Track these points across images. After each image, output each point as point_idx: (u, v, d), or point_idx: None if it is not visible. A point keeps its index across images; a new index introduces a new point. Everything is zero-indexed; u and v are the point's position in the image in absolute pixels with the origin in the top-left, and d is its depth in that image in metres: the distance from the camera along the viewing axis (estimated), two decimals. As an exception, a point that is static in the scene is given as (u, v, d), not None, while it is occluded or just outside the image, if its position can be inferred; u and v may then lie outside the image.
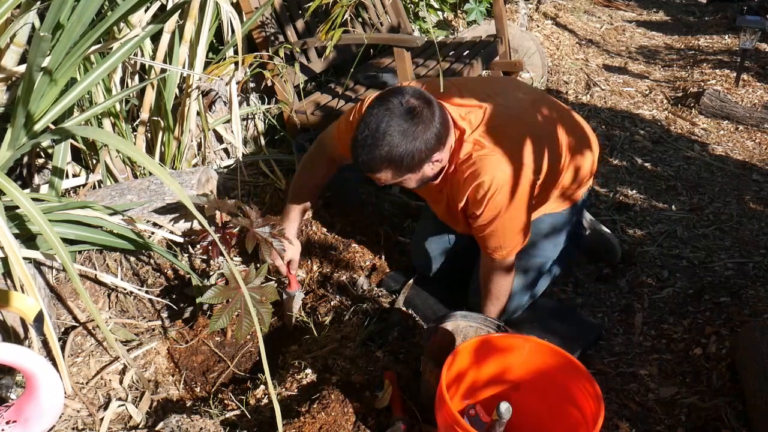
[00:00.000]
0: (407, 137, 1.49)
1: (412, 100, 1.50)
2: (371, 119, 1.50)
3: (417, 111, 1.50)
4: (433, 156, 1.56)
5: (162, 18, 2.05)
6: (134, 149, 1.63)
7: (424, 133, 1.51)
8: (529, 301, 2.06)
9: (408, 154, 1.51)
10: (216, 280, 1.92)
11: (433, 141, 1.53)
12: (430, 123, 1.52)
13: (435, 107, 1.54)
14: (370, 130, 1.49)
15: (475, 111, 1.65)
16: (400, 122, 1.48)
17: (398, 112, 1.49)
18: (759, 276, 2.29)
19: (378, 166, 1.54)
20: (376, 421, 1.56)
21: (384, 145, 1.49)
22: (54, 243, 1.54)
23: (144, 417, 1.69)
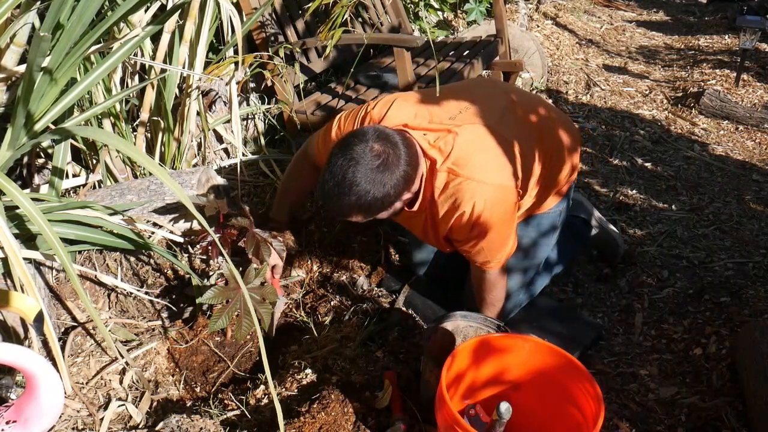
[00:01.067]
0: (375, 185, 1.48)
1: (376, 146, 1.48)
2: (336, 170, 1.48)
3: (382, 157, 1.48)
4: (402, 196, 1.57)
5: (162, 18, 2.05)
6: (134, 149, 1.63)
7: (391, 178, 1.50)
8: (528, 299, 2.06)
9: (377, 201, 1.50)
10: (216, 280, 1.92)
11: (402, 183, 1.53)
12: (396, 167, 1.50)
13: (400, 148, 1.52)
14: (336, 181, 1.48)
15: (445, 137, 1.61)
16: (366, 171, 1.47)
17: (363, 161, 1.47)
18: (759, 276, 2.29)
19: (347, 213, 1.54)
20: (376, 421, 1.56)
21: (352, 194, 1.48)
22: (53, 243, 1.54)
23: (144, 417, 1.69)
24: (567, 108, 3.86)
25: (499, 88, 1.90)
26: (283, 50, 2.59)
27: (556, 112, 1.93)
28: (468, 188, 1.57)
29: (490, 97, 1.80)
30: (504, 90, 1.88)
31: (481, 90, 1.84)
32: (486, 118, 1.69)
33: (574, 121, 3.63)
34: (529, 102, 1.86)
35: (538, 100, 1.95)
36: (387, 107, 1.70)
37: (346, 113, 1.80)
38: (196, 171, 2.14)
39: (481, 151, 1.61)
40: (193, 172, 2.14)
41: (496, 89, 1.87)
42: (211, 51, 2.63)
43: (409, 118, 1.66)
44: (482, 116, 1.69)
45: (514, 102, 1.82)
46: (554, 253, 2.14)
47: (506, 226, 1.66)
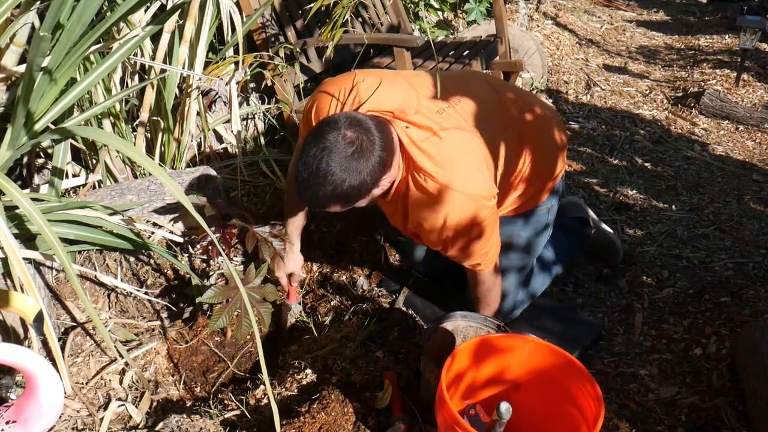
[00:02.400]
0: (350, 173, 1.44)
1: (349, 133, 1.44)
2: (310, 160, 1.44)
3: (356, 143, 1.44)
4: (380, 182, 1.52)
5: (162, 18, 2.05)
6: (134, 150, 1.63)
7: (366, 165, 1.45)
8: (529, 300, 2.06)
9: (353, 189, 1.46)
10: (216, 280, 1.92)
11: (378, 169, 1.48)
12: (371, 153, 1.46)
13: (373, 133, 1.47)
14: (310, 172, 1.44)
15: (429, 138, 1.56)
16: (340, 159, 1.42)
17: (336, 149, 1.42)
18: (759, 276, 2.29)
19: (324, 203, 1.50)
20: (376, 421, 1.56)
21: (327, 184, 1.44)
22: (53, 243, 1.54)
23: (144, 417, 1.69)
24: (567, 108, 3.86)
25: (491, 83, 1.87)
26: (283, 50, 2.59)
27: (546, 110, 1.92)
28: (446, 197, 1.53)
29: (480, 93, 1.76)
30: (495, 86, 1.85)
31: (472, 85, 1.80)
32: (473, 118, 1.66)
33: (574, 121, 3.64)
34: (519, 100, 1.84)
35: (529, 97, 1.94)
36: (376, 85, 1.62)
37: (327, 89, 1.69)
38: (196, 171, 2.14)
39: (464, 160, 1.57)
40: (193, 172, 2.14)
41: (488, 85, 1.84)
42: (211, 51, 2.63)
43: (394, 105, 1.59)
44: (469, 115, 1.66)
45: (504, 99, 1.80)
46: (553, 253, 2.15)
47: (485, 230, 1.61)
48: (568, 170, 3.09)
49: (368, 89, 1.62)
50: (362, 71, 1.70)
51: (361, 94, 1.61)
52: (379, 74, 1.68)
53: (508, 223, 1.89)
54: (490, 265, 1.72)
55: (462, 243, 1.62)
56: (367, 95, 1.60)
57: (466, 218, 1.56)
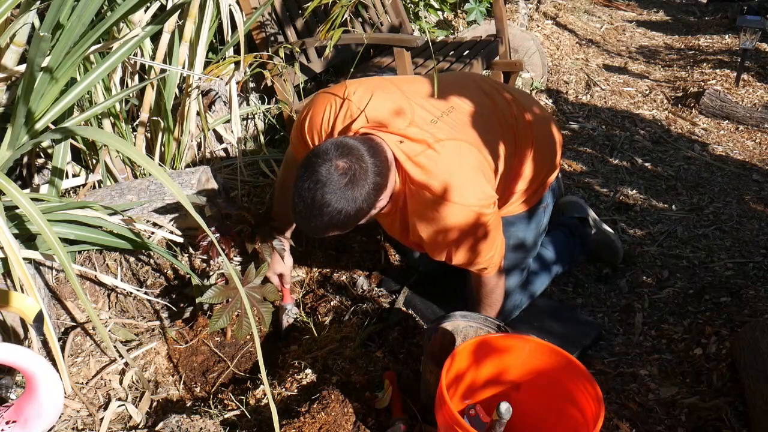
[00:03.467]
0: (347, 202, 1.44)
1: (341, 164, 1.43)
2: (305, 193, 1.44)
3: (348, 174, 1.44)
4: (377, 203, 1.53)
5: (162, 18, 2.05)
6: (133, 150, 1.62)
7: (361, 192, 1.45)
8: (529, 300, 2.06)
9: (350, 216, 1.47)
10: (216, 280, 1.92)
11: (373, 194, 1.49)
12: (365, 180, 1.46)
13: (366, 159, 1.46)
14: (306, 205, 1.45)
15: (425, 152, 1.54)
16: (334, 190, 1.43)
17: (330, 181, 1.42)
18: (759, 276, 2.29)
19: (323, 232, 1.51)
20: (376, 421, 1.56)
21: (324, 215, 1.44)
22: (53, 243, 1.54)
23: (144, 417, 1.69)
24: (567, 108, 3.86)
25: (485, 85, 1.85)
26: (283, 50, 2.59)
27: (541, 110, 1.91)
28: (445, 210, 1.53)
29: (475, 96, 1.75)
30: (489, 88, 1.84)
31: (467, 89, 1.78)
32: (468, 125, 1.64)
33: (574, 121, 3.64)
34: (514, 100, 1.84)
35: (523, 97, 1.93)
36: (368, 96, 1.61)
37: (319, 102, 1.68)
38: (196, 171, 2.14)
39: (460, 171, 1.56)
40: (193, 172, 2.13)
41: (482, 87, 1.83)
42: (211, 51, 2.63)
43: (387, 117, 1.58)
44: (464, 122, 1.64)
45: (499, 100, 1.80)
46: (552, 253, 2.15)
47: (488, 237, 1.61)
48: (568, 170, 3.09)
49: (360, 101, 1.60)
50: (354, 82, 1.67)
51: (352, 108, 1.60)
52: (372, 84, 1.66)
53: (506, 223, 1.89)
54: (494, 268, 1.72)
55: (466, 252, 1.62)
56: (359, 108, 1.59)
57: (467, 229, 1.56)
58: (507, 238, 1.87)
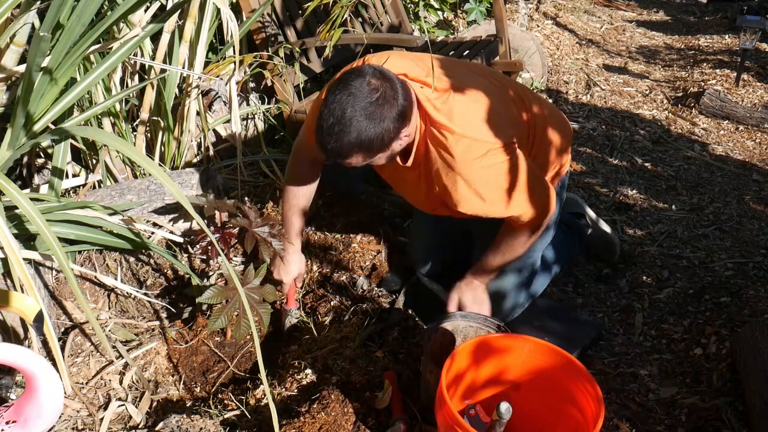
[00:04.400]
0: (374, 120, 1.45)
1: (374, 81, 1.47)
2: (335, 106, 1.45)
3: (380, 91, 1.46)
4: (401, 133, 1.54)
5: (162, 18, 2.05)
6: (133, 150, 1.63)
7: (390, 111, 1.47)
8: (529, 301, 2.06)
9: (377, 136, 1.48)
10: (215, 280, 1.92)
11: (400, 118, 1.50)
12: (394, 101, 1.48)
13: (396, 84, 1.51)
14: (336, 117, 1.45)
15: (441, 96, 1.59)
16: (365, 105, 1.45)
17: (361, 95, 1.45)
18: (759, 276, 2.29)
19: (348, 151, 1.50)
20: (376, 421, 1.56)
21: (352, 130, 1.45)
22: (51, 243, 1.54)
23: (144, 417, 1.69)
24: (567, 108, 3.86)
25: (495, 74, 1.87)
26: (283, 50, 2.59)
27: (548, 109, 1.91)
28: (468, 147, 1.55)
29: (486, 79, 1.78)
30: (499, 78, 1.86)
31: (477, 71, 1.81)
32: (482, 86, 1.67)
33: (574, 121, 3.64)
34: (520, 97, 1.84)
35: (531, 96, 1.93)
36: (384, 58, 1.67)
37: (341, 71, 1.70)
38: (196, 171, 2.14)
39: (478, 111, 1.59)
40: (193, 172, 2.14)
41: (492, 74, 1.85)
42: (211, 51, 2.63)
43: (408, 69, 1.63)
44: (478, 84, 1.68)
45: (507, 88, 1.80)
46: (552, 252, 2.14)
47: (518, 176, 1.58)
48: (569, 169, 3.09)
49: (379, 60, 1.65)
50: (370, 56, 1.73)
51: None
52: (386, 52, 1.73)
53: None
54: (530, 220, 1.65)
55: (494, 193, 1.59)
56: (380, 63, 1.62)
57: (494, 166, 1.56)
58: None
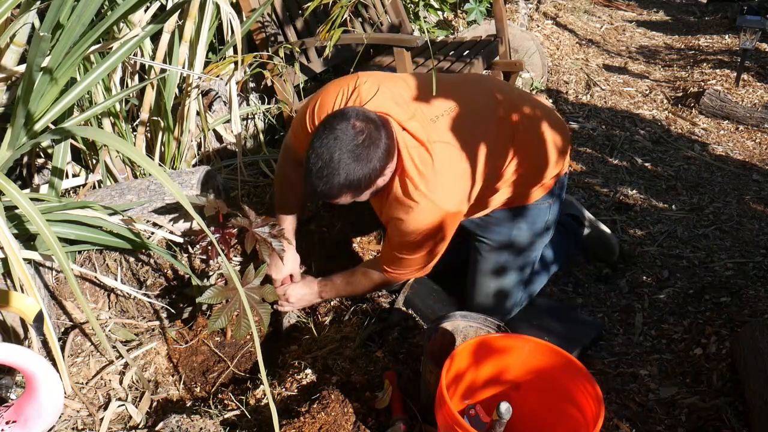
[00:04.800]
0: (361, 161, 1.51)
1: (358, 123, 1.51)
2: (322, 150, 1.51)
3: (365, 133, 1.51)
4: (385, 171, 1.59)
5: (162, 18, 2.05)
6: (133, 150, 1.63)
7: (375, 152, 1.53)
8: (527, 300, 2.06)
9: (365, 176, 1.54)
10: (215, 280, 1.92)
11: (384, 157, 1.56)
12: (379, 141, 1.54)
13: (379, 124, 1.55)
14: (324, 161, 1.50)
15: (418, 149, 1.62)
16: (352, 148, 1.50)
17: (347, 138, 1.50)
18: (759, 276, 2.29)
19: (337, 192, 1.56)
20: (376, 421, 1.56)
21: (341, 172, 1.51)
22: (51, 243, 1.53)
23: (144, 417, 1.69)
24: (567, 108, 3.86)
25: (487, 85, 1.90)
26: (283, 50, 2.59)
27: (542, 110, 1.91)
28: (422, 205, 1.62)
29: (476, 97, 1.80)
30: (491, 88, 1.88)
31: (469, 89, 1.83)
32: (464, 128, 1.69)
33: (574, 121, 3.64)
34: (514, 100, 1.86)
35: (525, 98, 1.93)
36: (376, 88, 1.68)
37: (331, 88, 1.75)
38: (196, 171, 2.14)
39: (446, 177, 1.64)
40: (193, 172, 2.13)
41: (484, 87, 1.87)
42: (211, 51, 2.63)
43: (392, 108, 1.65)
44: (461, 125, 1.69)
45: (498, 100, 1.82)
46: (550, 252, 2.15)
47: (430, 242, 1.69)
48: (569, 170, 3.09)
49: (369, 91, 1.67)
50: (365, 73, 1.74)
51: (362, 95, 1.67)
52: (380, 77, 1.73)
53: (507, 223, 1.89)
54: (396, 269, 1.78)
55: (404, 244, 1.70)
56: (368, 97, 1.66)
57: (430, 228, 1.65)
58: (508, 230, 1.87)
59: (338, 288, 1.95)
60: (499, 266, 1.93)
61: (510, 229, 1.89)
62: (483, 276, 1.95)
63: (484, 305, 1.96)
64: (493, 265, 1.94)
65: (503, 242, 1.90)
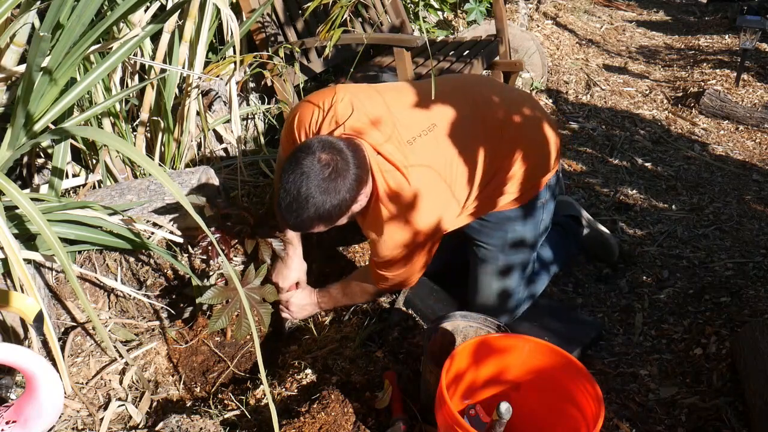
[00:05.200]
0: (329, 194, 1.51)
1: (324, 156, 1.51)
2: (290, 186, 1.51)
3: (331, 166, 1.51)
4: (358, 197, 1.59)
5: (162, 18, 2.05)
6: (133, 150, 1.63)
7: (344, 183, 1.52)
8: (530, 299, 2.06)
9: (335, 208, 1.54)
10: (216, 280, 1.92)
11: (355, 186, 1.55)
12: (347, 172, 1.53)
13: (346, 153, 1.54)
14: (292, 197, 1.51)
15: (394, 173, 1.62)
16: (319, 182, 1.50)
17: (314, 173, 1.50)
18: (759, 276, 2.29)
19: (309, 225, 1.57)
20: (376, 421, 1.56)
21: (310, 207, 1.51)
22: (52, 243, 1.54)
23: (144, 417, 1.69)
24: (567, 108, 3.86)
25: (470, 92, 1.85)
26: (283, 50, 2.59)
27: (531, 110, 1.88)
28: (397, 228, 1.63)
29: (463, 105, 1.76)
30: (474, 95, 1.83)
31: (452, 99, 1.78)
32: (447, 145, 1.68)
33: (574, 121, 3.64)
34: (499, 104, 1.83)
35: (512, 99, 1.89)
36: (351, 108, 1.66)
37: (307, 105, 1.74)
38: (196, 171, 2.14)
39: (422, 199, 1.64)
40: (193, 172, 2.14)
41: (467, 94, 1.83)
42: (211, 51, 2.63)
43: (367, 130, 1.63)
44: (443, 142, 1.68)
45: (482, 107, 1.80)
46: (549, 252, 2.15)
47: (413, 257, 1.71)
48: (569, 170, 3.09)
49: (345, 111, 1.66)
50: (342, 88, 1.73)
51: (338, 115, 1.66)
52: (358, 94, 1.70)
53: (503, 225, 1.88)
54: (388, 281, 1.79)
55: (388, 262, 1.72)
56: (344, 117, 1.65)
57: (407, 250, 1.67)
58: (504, 233, 1.87)
59: (336, 299, 1.96)
60: (498, 268, 1.93)
61: (506, 231, 1.88)
62: (483, 279, 1.95)
63: (487, 307, 1.95)
64: (492, 267, 1.93)
65: (500, 245, 1.90)
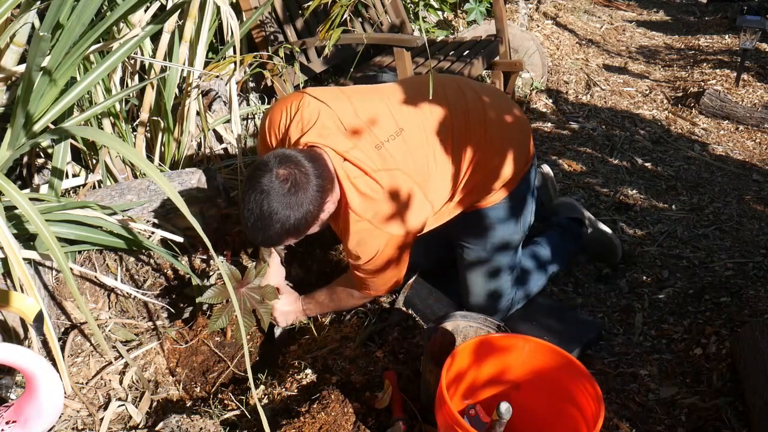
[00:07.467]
0: (293, 208, 1.51)
1: (281, 171, 1.50)
2: (252, 205, 1.52)
3: (290, 180, 1.51)
4: (324, 206, 1.59)
5: (162, 18, 2.05)
6: (131, 150, 1.64)
7: (305, 195, 1.52)
8: (525, 300, 2.06)
9: (300, 220, 1.54)
10: (216, 280, 1.92)
11: (317, 196, 1.55)
12: (307, 183, 1.52)
13: (305, 164, 1.53)
14: (256, 216, 1.52)
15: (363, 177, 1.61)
16: (280, 198, 1.50)
17: (273, 190, 1.50)
18: (759, 276, 2.29)
19: (278, 240, 1.58)
20: (376, 421, 1.56)
21: (275, 223, 1.52)
22: (50, 243, 1.53)
23: (144, 417, 1.69)
24: (567, 108, 3.86)
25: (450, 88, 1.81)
26: (283, 50, 2.59)
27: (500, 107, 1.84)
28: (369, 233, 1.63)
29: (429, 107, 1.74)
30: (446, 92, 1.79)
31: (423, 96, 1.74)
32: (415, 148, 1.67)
33: (574, 121, 3.64)
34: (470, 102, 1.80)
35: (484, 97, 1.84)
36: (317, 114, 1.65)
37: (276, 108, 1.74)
38: (196, 171, 2.14)
39: (393, 202, 1.63)
40: (193, 172, 2.13)
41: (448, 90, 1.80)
42: (211, 51, 2.63)
43: (334, 137, 1.63)
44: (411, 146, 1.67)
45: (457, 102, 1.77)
46: (548, 252, 2.15)
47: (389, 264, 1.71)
48: (568, 170, 3.09)
49: (311, 117, 1.66)
50: (311, 91, 1.71)
51: (304, 120, 1.66)
52: (326, 98, 1.69)
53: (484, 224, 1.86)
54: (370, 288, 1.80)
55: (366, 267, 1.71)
56: (309, 123, 1.65)
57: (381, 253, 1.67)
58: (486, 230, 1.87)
59: (323, 305, 1.96)
60: (485, 268, 1.92)
61: (487, 230, 1.87)
62: (472, 279, 1.95)
63: (478, 306, 1.96)
64: (479, 267, 1.93)
65: (483, 244, 1.89)
